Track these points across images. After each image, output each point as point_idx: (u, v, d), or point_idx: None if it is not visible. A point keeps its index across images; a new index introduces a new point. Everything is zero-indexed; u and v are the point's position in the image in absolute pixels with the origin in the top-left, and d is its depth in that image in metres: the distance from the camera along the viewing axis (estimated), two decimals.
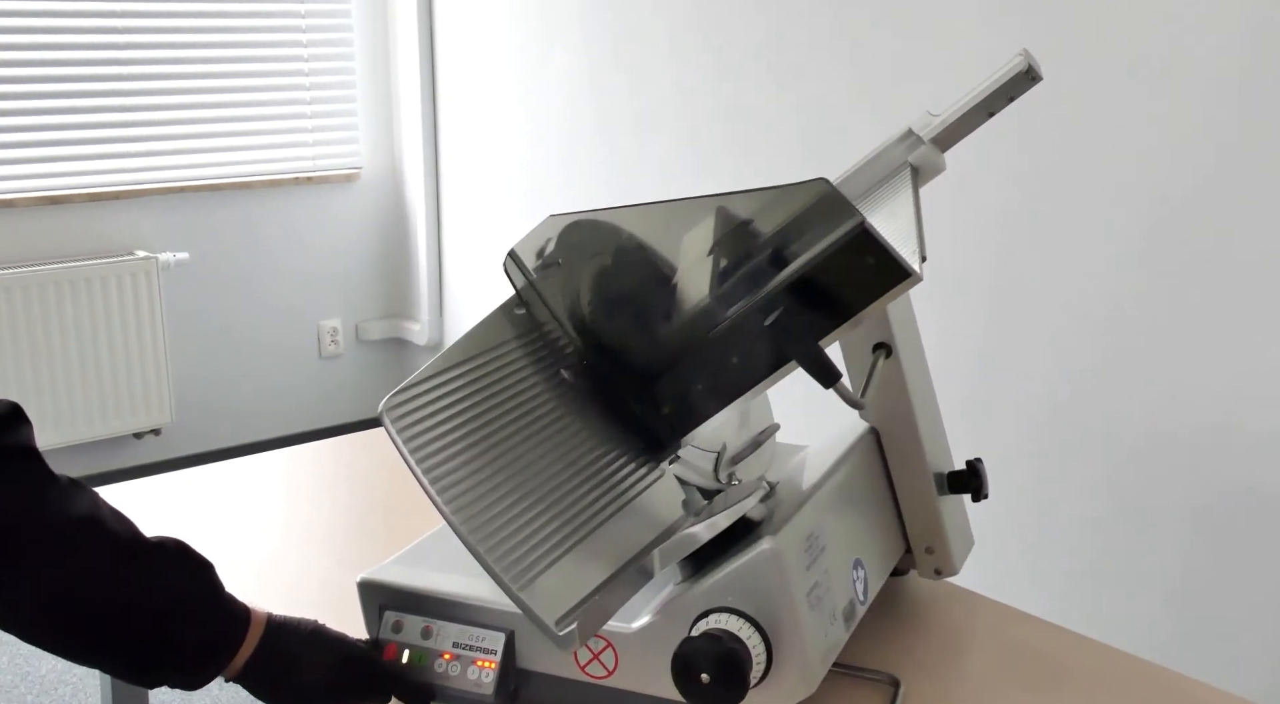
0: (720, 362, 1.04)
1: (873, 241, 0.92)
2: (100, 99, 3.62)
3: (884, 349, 1.21)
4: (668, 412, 1.08)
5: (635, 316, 1.11)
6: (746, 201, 1.02)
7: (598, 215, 1.10)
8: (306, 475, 1.77)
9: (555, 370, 1.11)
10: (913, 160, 1.21)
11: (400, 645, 1.12)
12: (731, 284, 1.02)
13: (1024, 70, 1.16)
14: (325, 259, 4.15)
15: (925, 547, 1.31)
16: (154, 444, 3.86)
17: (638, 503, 1.06)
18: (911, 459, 1.27)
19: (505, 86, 3.77)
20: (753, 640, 0.99)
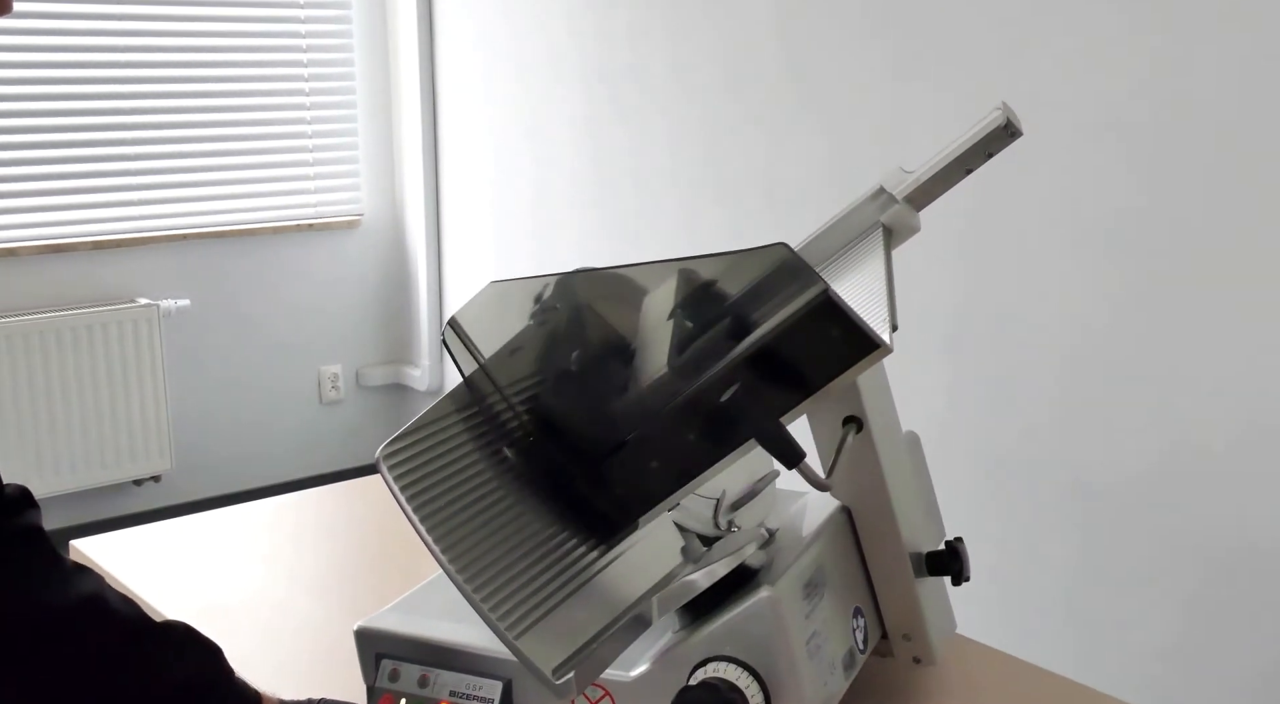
0: (674, 440, 0.96)
1: (837, 311, 0.86)
2: (102, 148, 3.64)
3: (854, 423, 1.11)
4: (619, 492, 1.00)
5: (586, 390, 1.03)
6: (709, 265, 0.96)
7: (547, 279, 1.04)
8: (306, 522, 1.76)
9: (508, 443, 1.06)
10: (885, 220, 1.14)
11: (397, 694, 1.11)
12: (688, 355, 0.96)
13: (1002, 125, 1.10)
14: (326, 305, 4.16)
15: (903, 634, 1.22)
16: (154, 491, 3.84)
17: (635, 551, 1.05)
18: (886, 540, 1.18)
19: (507, 134, 3.79)
20: (751, 689, 0.98)
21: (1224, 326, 2.10)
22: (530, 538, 0.99)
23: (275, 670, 1.29)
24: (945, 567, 1.21)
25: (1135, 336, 2.23)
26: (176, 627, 1.02)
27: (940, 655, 1.24)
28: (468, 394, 1.08)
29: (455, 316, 1.07)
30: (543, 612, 0.95)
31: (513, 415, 1.06)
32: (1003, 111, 1.11)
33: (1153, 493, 2.23)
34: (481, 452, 1.05)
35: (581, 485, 1.02)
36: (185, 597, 1.49)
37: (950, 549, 1.22)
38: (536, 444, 1.05)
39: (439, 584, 1.22)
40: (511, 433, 1.06)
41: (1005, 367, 2.45)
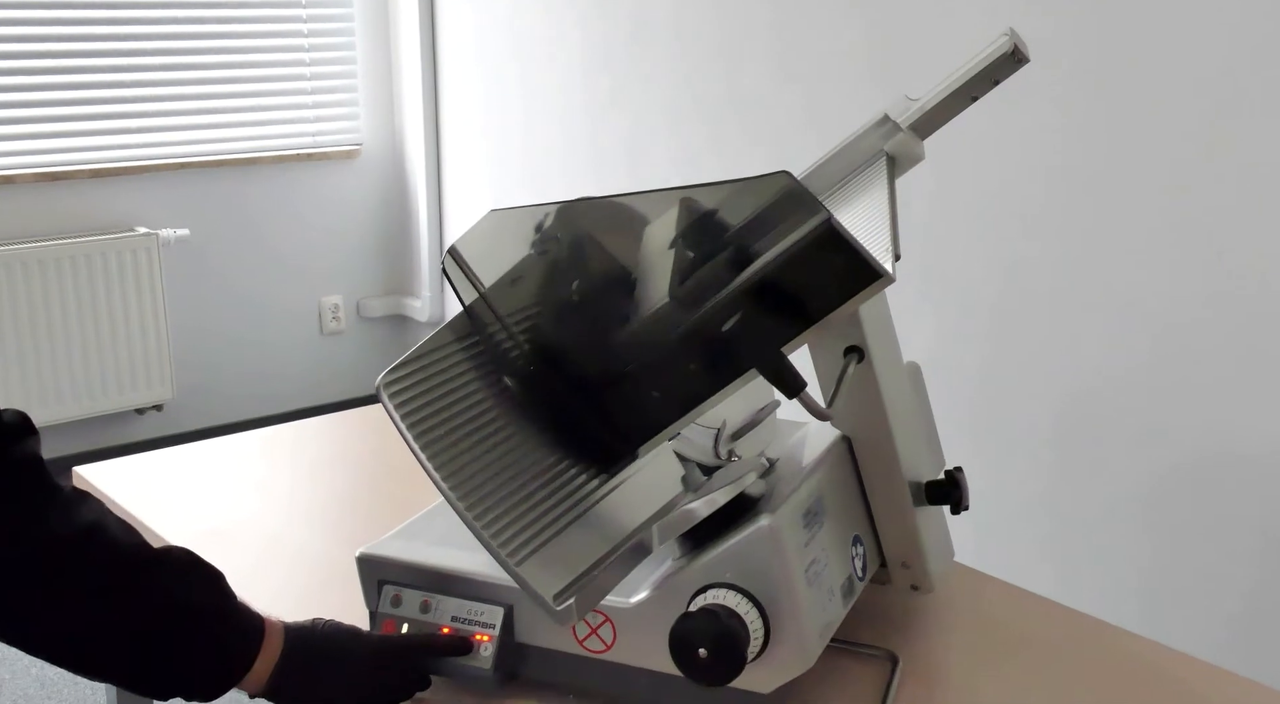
0: (676, 370, 0.96)
1: (840, 240, 0.85)
2: (101, 75, 3.61)
3: (856, 353, 1.10)
4: (621, 422, 1.01)
5: (587, 319, 1.03)
6: (710, 194, 0.95)
7: (539, 210, 1.03)
8: (307, 451, 1.77)
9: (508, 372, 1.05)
10: (889, 149, 1.12)
11: (398, 620, 1.12)
12: (690, 284, 0.95)
13: (1009, 52, 1.07)
14: (326, 236, 4.14)
15: (901, 561, 1.22)
16: (156, 420, 3.86)
17: (636, 479, 1.05)
18: (886, 469, 1.17)
19: (507, 62, 3.75)
20: (750, 616, 0.99)
21: (1206, 239, 2.10)
22: (531, 466, 1.00)
23: (276, 594, 1.30)
24: (945, 495, 1.21)
25: (1119, 259, 2.23)
26: (178, 553, 1.02)
27: (938, 583, 1.25)
28: (468, 323, 1.08)
29: (455, 245, 1.07)
30: (544, 539, 0.96)
31: (513, 344, 1.06)
32: (1009, 37, 1.08)
33: (1139, 414, 2.25)
34: (482, 380, 1.05)
35: (581, 414, 1.02)
36: (187, 523, 1.50)
37: (950, 478, 1.22)
38: (537, 373, 1.05)
39: (440, 512, 1.22)
40: (512, 362, 1.06)
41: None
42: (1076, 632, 1.26)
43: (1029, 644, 1.23)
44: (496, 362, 1.05)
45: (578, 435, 1.03)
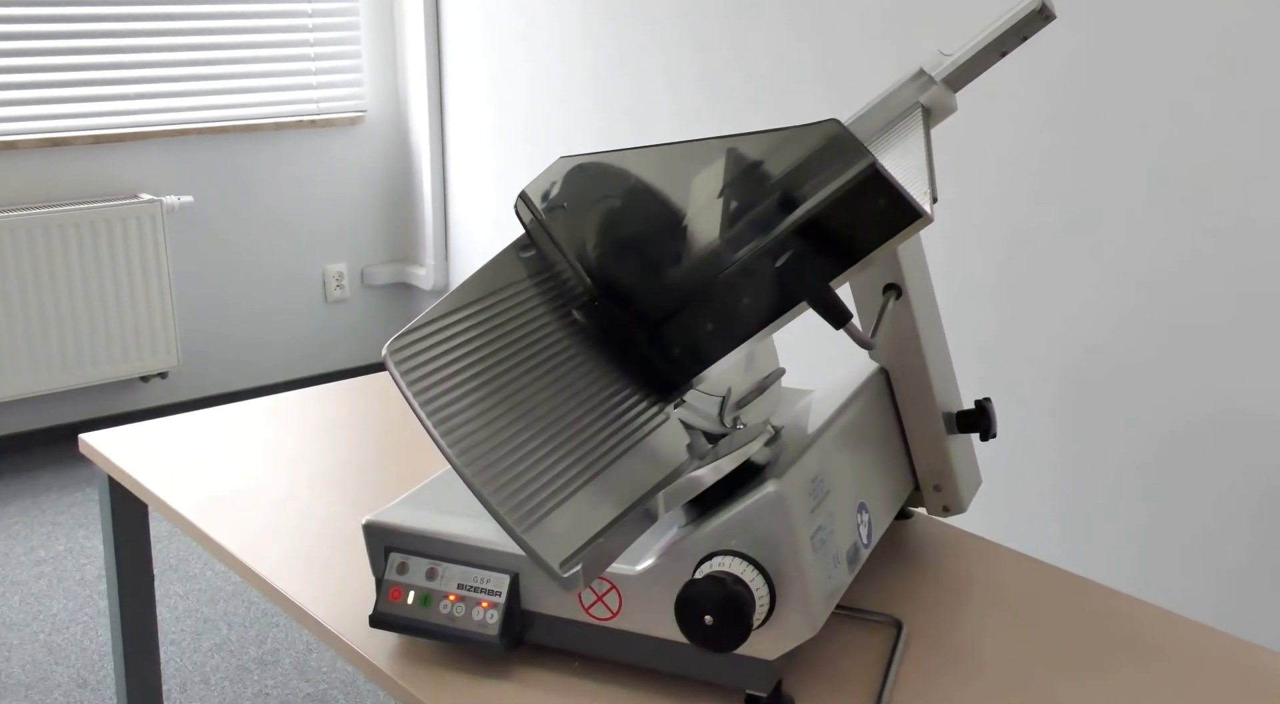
0: (730, 303, 1.04)
1: (884, 182, 0.92)
2: (103, 40, 3.59)
3: (894, 290, 1.22)
4: (677, 353, 1.08)
5: (645, 259, 1.11)
6: (757, 143, 1.02)
7: (608, 157, 1.10)
8: (312, 418, 1.77)
9: (564, 312, 1.11)
10: (924, 101, 1.20)
11: (405, 587, 1.13)
12: (741, 226, 1.03)
13: (1037, 9, 1.15)
14: (330, 203, 4.14)
15: (934, 484, 1.32)
16: (160, 387, 3.87)
17: (643, 446, 1.06)
18: (921, 398, 1.28)
19: (511, 27, 3.73)
20: (756, 583, 1.00)
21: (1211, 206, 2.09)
22: (538, 434, 1.00)
23: (282, 562, 1.31)
24: (974, 424, 1.31)
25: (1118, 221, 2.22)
26: None
27: (967, 503, 1.33)
28: (475, 290, 1.08)
29: (525, 189, 1.15)
30: (550, 506, 0.96)
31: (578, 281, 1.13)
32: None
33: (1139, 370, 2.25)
34: (488, 348, 1.05)
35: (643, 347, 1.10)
36: (192, 490, 1.50)
37: (979, 407, 1.31)
38: (601, 307, 1.12)
39: (446, 479, 1.23)
40: (578, 297, 1.13)
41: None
42: (1080, 597, 1.26)
43: (1033, 610, 1.24)
44: (563, 297, 1.12)
45: (635, 367, 1.10)
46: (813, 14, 2.77)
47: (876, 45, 2.64)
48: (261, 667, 2.52)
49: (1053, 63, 2.29)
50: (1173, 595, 2.25)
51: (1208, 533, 2.20)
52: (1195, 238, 2.15)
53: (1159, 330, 2.23)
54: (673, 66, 3.17)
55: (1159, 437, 2.25)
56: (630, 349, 1.11)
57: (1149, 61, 2.17)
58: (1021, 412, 2.47)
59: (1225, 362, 2.14)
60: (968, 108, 2.44)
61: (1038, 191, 2.38)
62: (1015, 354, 2.48)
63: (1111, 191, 2.26)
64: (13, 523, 3.16)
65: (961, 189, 2.51)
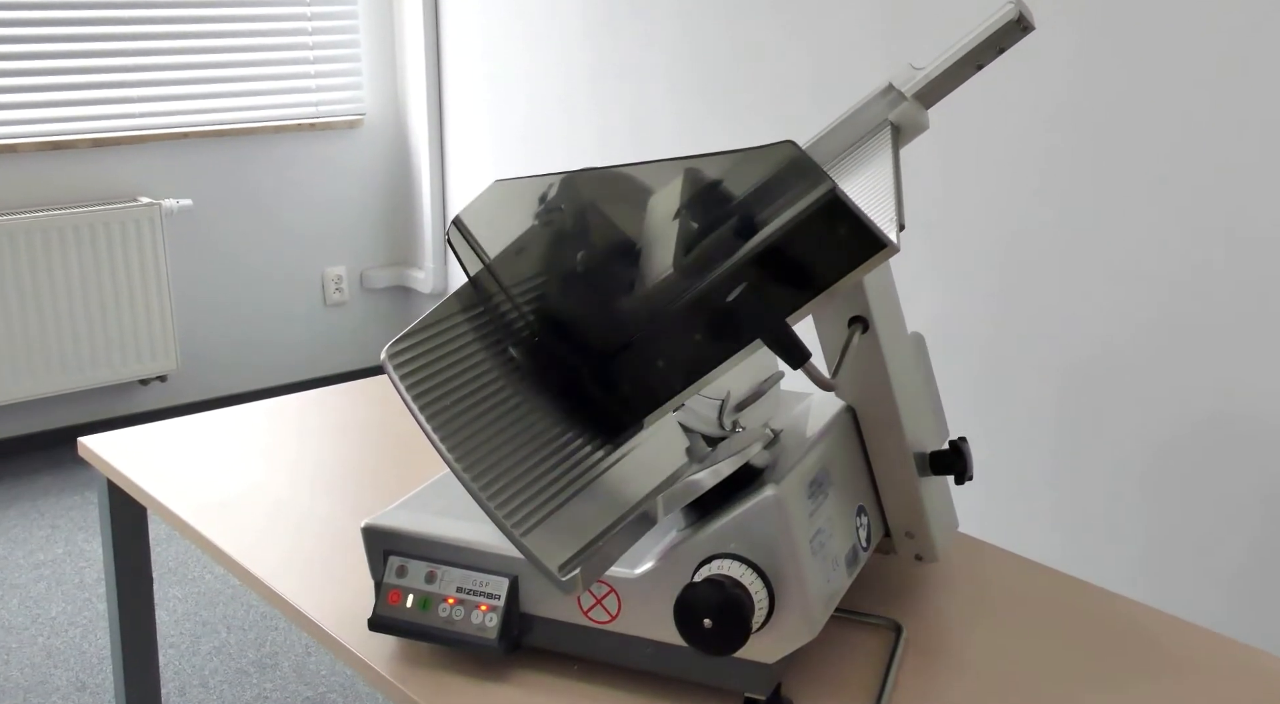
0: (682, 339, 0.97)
1: (844, 209, 0.86)
2: (103, 43, 3.59)
3: (860, 323, 1.12)
4: (626, 391, 1.02)
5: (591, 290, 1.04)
6: (715, 164, 0.96)
7: (552, 180, 1.04)
8: (311, 422, 1.77)
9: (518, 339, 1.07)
10: (894, 118, 1.13)
11: (404, 590, 1.13)
12: (694, 255, 0.96)
13: (1014, 19, 1.08)
14: (329, 206, 4.14)
15: (905, 531, 1.23)
16: (160, 391, 3.87)
17: (641, 450, 1.06)
18: (890, 440, 1.19)
19: (510, 31, 3.73)
20: (755, 586, 1.00)
21: (1208, 208, 2.09)
22: (536, 437, 1.00)
23: (281, 565, 1.31)
24: (949, 466, 1.22)
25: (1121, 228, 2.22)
26: None
27: (942, 553, 1.25)
28: (473, 294, 1.08)
29: (460, 216, 1.07)
30: (549, 510, 0.96)
31: (518, 314, 1.06)
32: (1015, 5, 1.09)
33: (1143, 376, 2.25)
34: (487, 352, 1.04)
35: (587, 384, 1.03)
36: (191, 493, 1.50)
37: (954, 449, 1.22)
38: (542, 343, 1.05)
39: (446, 483, 1.23)
40: (517, 332, 1.06)
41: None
42: (1079, 600, 1.26)
43: (1032, 613, 1.23)
44: (502, 331, 1.06)
45: (582, 405, 1.04)
46: (812, 18, 2.77)
47: (876, 50, 2.64)
48: (260, 670, 2.52)
49: (1051, 64, 2.29)
50: (1173, 599, 2.25)
51: (1208, 536, 2.20)
52: (1195, 240, 2.15)
53: (1159, 333, 2.23)
54: (672, 70, 3.17)
55: (1159, 440, 2.26)
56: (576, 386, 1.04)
57: (1148, 62, 2.17)
58: (1021, 414, 2.48)
59: (1226, 364, 2.14)
60: (967, 109, 2.44)
61: (1036, 193, 2.39)
62: (1014, 356, 2.48)
63: (1111, 193, 2.26)
64: (12, 526, 3.16)
65: (959, 190, 2.51)
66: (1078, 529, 2.41)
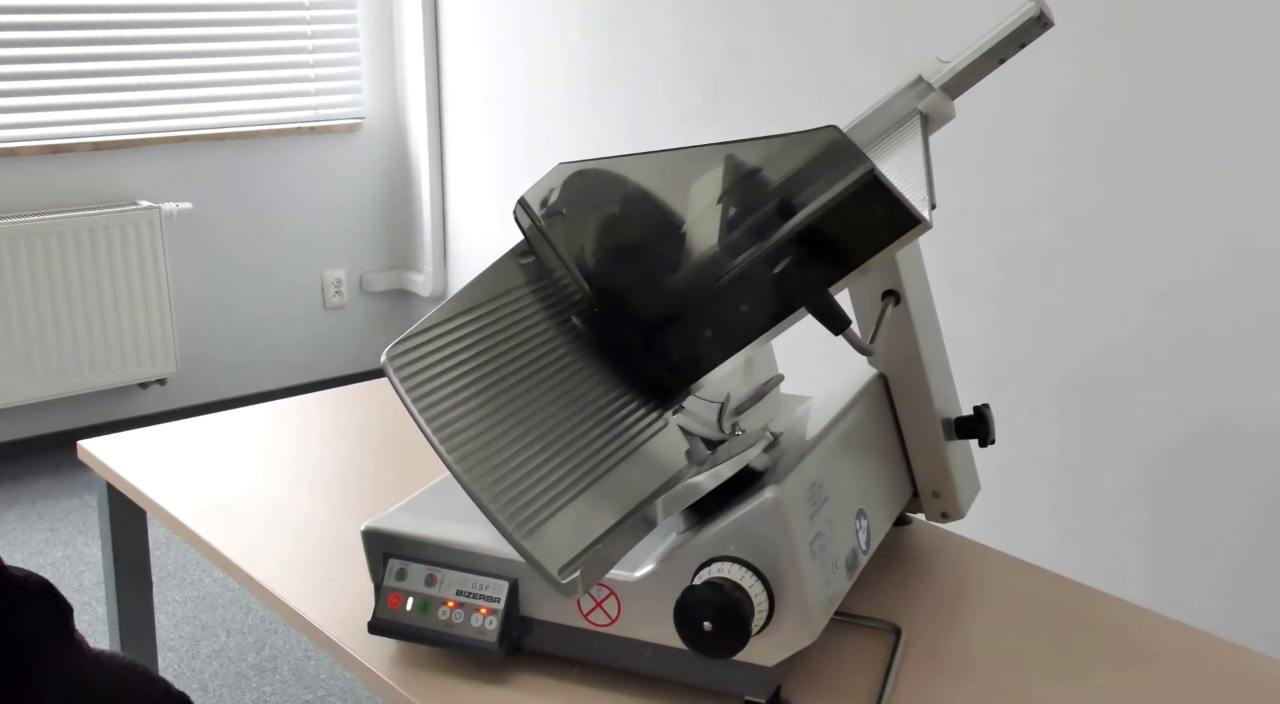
0: (729, 310, 1.04)
1: (882, 189, 0.92)
2: (103, 47, 3.59)
3: (893, 296, 1.22)
4: (676, 360, 1.08)
5: (643, 265, 1.11)
6: (756, 149, 1.02)
7: (606, 163, 1.10)
8: (311, 425, 1.77)
9: (563, 318, 1.11)
10: (922, 107, 1.21)
11: (404, 593, 1.13)
12: (740, 232, 1.03)
13: (1035, 16, 1.15)
14: (329, 210, 4.14)
15: (932, 491, 1.32)
16: (159, 394, 3.86)
17: (642, 452, 1.06)
18: (919, 404, 1.28)
19: (510, 35, 3.74)
20: (755, 589, 1.00)
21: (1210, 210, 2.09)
22: (536, 440, 1.00)
23: (281, 569, 1.31)
24: (973, 430, 1.31)
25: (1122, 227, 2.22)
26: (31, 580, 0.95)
27: (966, 510, 1.33)
28: (473, 297, 1.08)
29: (524, 196, 1.14)
30: (549, 512, 0.96)
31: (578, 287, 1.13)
32: (1036, 3, 1.15)
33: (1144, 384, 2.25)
34: (487, 355, 1.05)
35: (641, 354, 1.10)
36: (191, 497, 1.50)
37: (978, 414, 1.31)
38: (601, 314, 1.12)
39: (445, 486, 1.23)
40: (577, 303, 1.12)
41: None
42: (1080, 604, 1.26)
43: (1032, 617, 1.24)
44: (562, 303, 1.12)
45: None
46: (810, 19, 2.77)
47: (874, 51, 2.64)
48: (260, 673, 2.52)
49: (1056, 69, 2.29)
50: (1174, 603, 2.25)
51: (1209, 540, 2.20)
52: (1197, 246, 2.15)
53: (1160, 337, 2.23)
54: (671, 73, 3.17)
55: (1161, 444, 2.26)
56: (629, 356, 1.11)
57: (1152, 68, 2.17)
58: (1023, 418, 2.48)
59: (1227, 368, 2.14)
60: (971, 117, 2.44)
61: (1040, 199, 2.39)
62: (1017, 360, 2.48)
63: (1114, 200, 2.26)
64: (11, 529, 3.16)
65: (964, 196, 2.51)
66: (1078, 533, 2.41)
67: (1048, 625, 1.22)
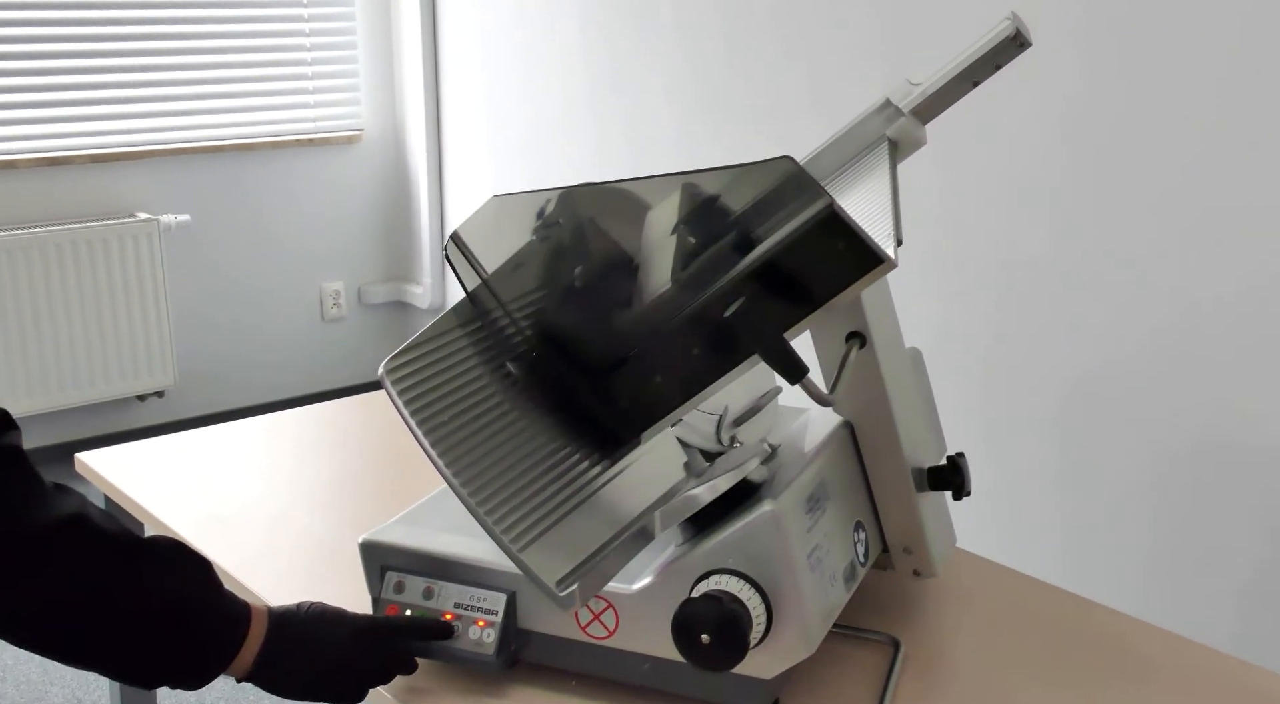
0: (680, 354, 0.97)
1: (842, 225, 0.86)
2: (101, 59, 3.60)
3: (858, 338, 1.11)
4: (625, 406, 1.02)
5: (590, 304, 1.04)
6: (713, 180, 0.96)
7: (548, 195, 1.03)
8: (309, 437, 1.77)
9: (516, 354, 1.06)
10: (891, 134, 1.13)
11: (402, 606, 1.12)
12: (693, 269, 0.96)
13: (1011, 36, 1.08)
14: (327, 222, 4.14)
15: (903, 547, 1.22)
16: (157, 406, 3.86)
17: (639, 464, 1.05)
18: (888, 455, 1.18)
19: (509, 47, 3.74)
20: (753, 602, 0.99)
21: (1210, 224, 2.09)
22: (534, 452, 1.00)
23: (279, 581, 1.30)
24: (946, 481, 1.21)
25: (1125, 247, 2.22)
26: (164, 542, 1.02)
27: (940, 569, 1.25)
28: (471, 309, 1.08)
29: (458, 231, 1.07)
30: (547, 525, 0.96)
31: (516, 330, 1.06)
32: (1012, 21, 1.09)
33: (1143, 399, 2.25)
34: (485, 366, 1.05)
35: (585, 399, 1.02)
36: (189, 509, 1.50)
37: (951, 464, 1.22)
38: (540, 358, 1.05)
39: (443, 498, 1.22)
40: (515, 347, 1.06)
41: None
42: (1079, 617, 1.26)
43: (1030, 629, 1.23)
44: (499, 347, 1.06)
45: (580, 420, 1.04)
46: (810, 33, 2.78)
47: (873, 67, 2.65)
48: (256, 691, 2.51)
49: (1052, 83, 2.30)
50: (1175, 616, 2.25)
51: (1210, 554, 2.20)
52: (1198, 260, 2.15)
53: (1161, 350, 2.23)
54: (670, 85, 3.18)
55: (1161, 457, 2.25)
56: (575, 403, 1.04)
57: (1150, 80, 2.18)
58: (1022, 431, 2.47)
59: (1228, 383, 2.14)
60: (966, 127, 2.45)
61: (1039, 211, 2.39)
62: (1014, 373, 2.48)
63: (1114, 214, 2.26)
64: None
65: (959, 207, 2.51)
66: (1078, 546, 2.40)
67: (1047, 638, 1.22)
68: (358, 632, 1.08)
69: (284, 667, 1.04)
